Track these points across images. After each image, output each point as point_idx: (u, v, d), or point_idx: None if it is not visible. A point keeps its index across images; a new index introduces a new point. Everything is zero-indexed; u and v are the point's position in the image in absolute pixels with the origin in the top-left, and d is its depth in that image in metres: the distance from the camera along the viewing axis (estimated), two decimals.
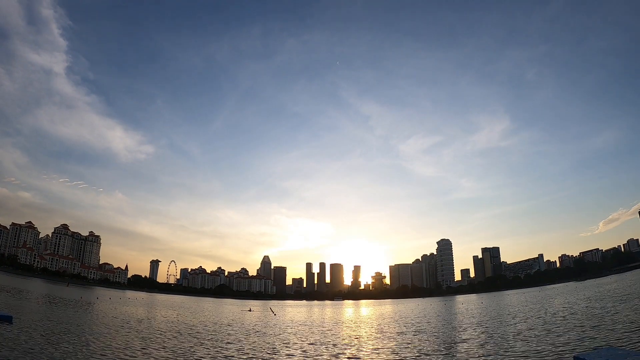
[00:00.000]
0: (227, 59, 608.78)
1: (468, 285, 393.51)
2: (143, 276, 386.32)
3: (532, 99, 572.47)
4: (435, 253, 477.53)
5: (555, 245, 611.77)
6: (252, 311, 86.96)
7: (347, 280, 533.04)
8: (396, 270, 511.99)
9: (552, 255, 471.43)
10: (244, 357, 22.73)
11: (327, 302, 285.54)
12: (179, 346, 25.71)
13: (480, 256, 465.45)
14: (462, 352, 22.66)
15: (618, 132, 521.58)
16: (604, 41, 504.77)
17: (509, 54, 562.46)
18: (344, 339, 32.26)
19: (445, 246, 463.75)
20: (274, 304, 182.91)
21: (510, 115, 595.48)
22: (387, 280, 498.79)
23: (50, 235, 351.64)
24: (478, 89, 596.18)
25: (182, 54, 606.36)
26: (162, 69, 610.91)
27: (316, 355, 23.46)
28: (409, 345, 26.76)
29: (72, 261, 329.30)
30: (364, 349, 25.99)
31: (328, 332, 39.24)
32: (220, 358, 22.01)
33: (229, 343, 28.76)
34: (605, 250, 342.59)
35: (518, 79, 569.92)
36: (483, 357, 20.36)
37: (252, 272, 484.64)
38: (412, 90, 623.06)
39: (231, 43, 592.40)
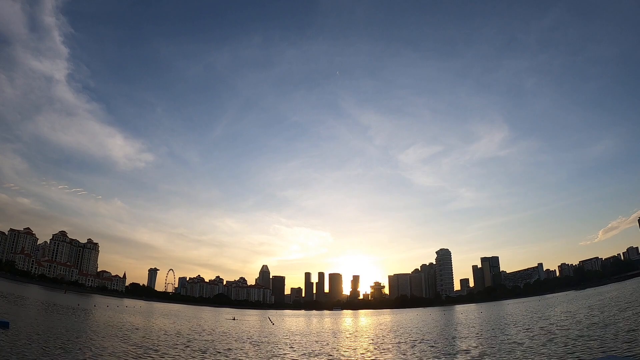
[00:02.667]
0: (227, 68, 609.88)
1: (467, 295, 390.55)
2: (141, 284, 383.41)
3: (530, 108, 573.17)
4: (434, 263, 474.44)
5: (554, 254, 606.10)
6: (235, 320, 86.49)
7: (346, 290, 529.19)
8: (395, 280, 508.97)
9: (551, 265, 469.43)
10: None
11: (326, 312, 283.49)
12: (174, 355, 25.49)
13: (479, 266, 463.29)
14: None
15: (617, 140, 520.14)
16: (602, 50, 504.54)
17: (508, 63, 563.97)
18: (341, 350, 32.02)
19: (444, 256, 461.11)
20: (272, 313, 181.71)
21: (509, 124, 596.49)
22: (386, 290, 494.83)
23: (48, 242, 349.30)
24: (477, 98, 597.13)
25: (183, 63, 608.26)
26: (162, 78, 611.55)
27: None
28: (408, 356, 26.57)
29: (70, 268, 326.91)
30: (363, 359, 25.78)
31: (326, 342, 38.93)
32: None
33: (225, 351, 28.52)
34: (605, 259, 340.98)
35: (517, 88, 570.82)
36: None
37: (251, 281, 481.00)
38: (411, 100, 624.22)
39: (231, 52, 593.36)
